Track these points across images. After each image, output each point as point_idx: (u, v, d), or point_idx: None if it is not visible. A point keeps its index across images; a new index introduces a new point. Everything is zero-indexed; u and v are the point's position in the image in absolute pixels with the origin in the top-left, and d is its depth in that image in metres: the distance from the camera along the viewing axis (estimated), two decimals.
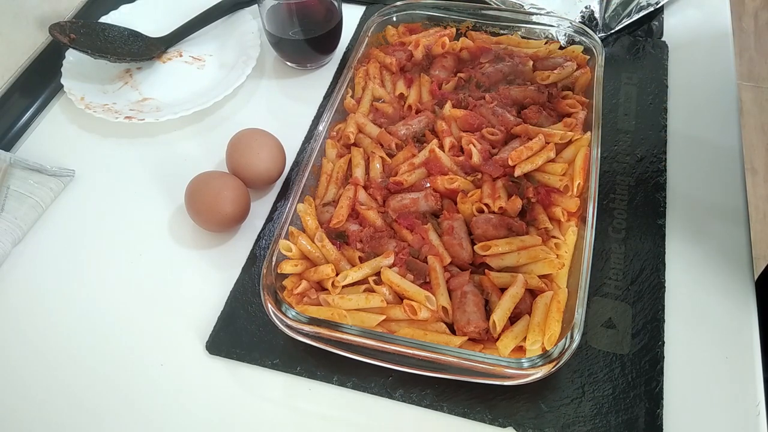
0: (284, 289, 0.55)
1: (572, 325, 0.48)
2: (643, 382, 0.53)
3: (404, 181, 0.60)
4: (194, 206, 0.63)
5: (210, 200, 0.62)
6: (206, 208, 0.62)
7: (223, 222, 0.62)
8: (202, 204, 0.62)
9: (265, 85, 0.80)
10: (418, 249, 0.56)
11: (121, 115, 0.74)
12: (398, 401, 0.53)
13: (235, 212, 0.62)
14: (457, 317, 0.52)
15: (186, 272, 0.63)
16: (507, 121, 0.64)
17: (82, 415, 0.54)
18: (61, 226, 0.68)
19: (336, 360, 0.52)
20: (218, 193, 0.62)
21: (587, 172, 0.59)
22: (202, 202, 0.62)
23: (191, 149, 0.74)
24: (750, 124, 1.93)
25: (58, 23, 0.78)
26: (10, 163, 0.69)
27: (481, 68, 0.70)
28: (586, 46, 0.71)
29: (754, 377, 0.53)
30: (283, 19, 0.76)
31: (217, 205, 0.61)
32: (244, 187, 0.64)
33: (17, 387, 0.56)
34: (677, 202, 0.65)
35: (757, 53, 2.11)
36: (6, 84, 0.80)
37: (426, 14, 0.77)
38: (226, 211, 0.62)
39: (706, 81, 0.76)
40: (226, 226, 0.63)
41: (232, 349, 0.57)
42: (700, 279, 0.59)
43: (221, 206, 0.61)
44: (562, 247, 0.55)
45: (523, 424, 0.51)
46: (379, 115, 0.67)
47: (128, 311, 0.61)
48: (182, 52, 0.84)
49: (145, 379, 0.56)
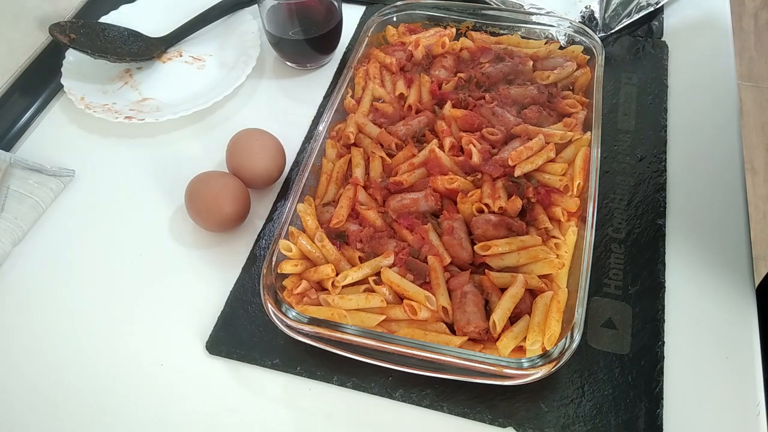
0: (284, 289, 0.55)
1: (572, 325, 0.48)
2: (643, 382, 0.53)
3: (404, 181, 0.60)
4: (194, 206, 0.63)
5: (210, 200, 0.62)
6: (206, 208, 0.62)
7: (223, 222, 0.62)
8: (203, 204, 0.62)
9: (265, 85, 0.80)
10: (418, 249, 0.56)
11: (121, 115, 0.74)
12: (398, 401, 0.53)
13: (235, 212, 0.62)
14: (457, 317, 0.52)
15: (186, 272, 0.63)
16: (507, 121, 0.64)
17: (82, 415, 0.54)
18: (61, 226, 0.68)
19: (336, 360, 0.52)
20: (218, 193, 0.62)
21: (587, 172, 0.59)
22: (202, 202, 0.62)
23: (191, 149, 0.74)
24: (750, 124, 1.93)
25: (58, 23, 0.78)
26: (10, 163, 0.69)
27: (481, 68, 0.70)
28: (586, 46, 0.71)
29: (754, 377, 0.53)
30: (283, 19, 0.76)
31: (217, 205, 0.61)
32: (243, 187, 0.64)
33: (17, 387, 0.56)
34: (677, 202, 0.65)
35: (757, 53, 2.11)
36: (6, 84, 0.80)
37: (426, 14, 0.77)
38: (226, 211, 0.62)
39: (706, 81, 0.76)
40: (226, 226, 0.63)
41: (232, 349, 0.57)
42: (700, 279, 0.59)
43: (221, 206, 0.61)
44: (562, 247, 0.55)
45: (523, 424, 0.51)
46: (379, 115, 0.67)
47: (128, 311, 0.61)
48: (182, 52, 0.84)
49: (145, 379, 0.56)
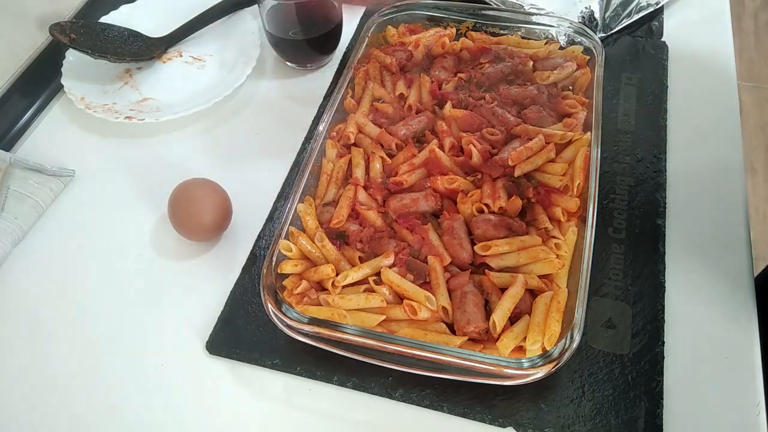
0: (284, 289, 0.55)
1: (572, 325, 0.48)
2: (643, 382, 0.53)
3: (404, 181, 0.60)
4: (176, 217, 0.62)
5: (191, 211, 0.61)
6: (187, 219, 0.62)
7: (203, 231, 0.62)
8: (184, 215, 0.62)
9: (265, 85, 0.80)
10: (418, 249, 0.56)
11: (121, 115, 0.74)
12: (398, 401, 0.53)
13: (215, 221, 0.62)
14: (457, 317, 0.52)
15: (186, 273, 0.63)
16: (507, 121, 0.64)
17: (82, 415, 0.54)
18: (61, 226, 0.68)
19: (336, 360, 0.52)
20: (198, 202, 0.61)
21: (587, 172, 0.59)
22: (183, 213, 0.62)
23: (191, 149, 0.74)
24: (750, 124, 1.93)
25: (58, 23, 0.78)
26: (10, 163, 0.69)
27: (481, 68, 0.70)
28: (586, 46, 0.71)
29: (754, 377, 0.53)
30: (283, 19, 0.76)
31: (198, 214, 0.61)
32: (224, 195, 0.63)
33: (17, 387, 0.56)
34: (677, 202, 0.65)
35: (757, 53, 2.11)
36: (6, 84, 0.80)
37: (426, 14, 0.77)
38: (205, 221, 0.61)
39: (706, 81, 0.76)
40: (206, 235, 0.63)
41: (232, 349, 0.57)
42: (700, 279, 0.59)
43: (200, 216, 0.61)
44: (562, 247, 0.55)
45: (523, 424, 0.51)
46: (379, 115, 0.67)
47: (128, 311, 0.61)
48: (182, 52, 0.84)
49: (145, 379, 0.56)
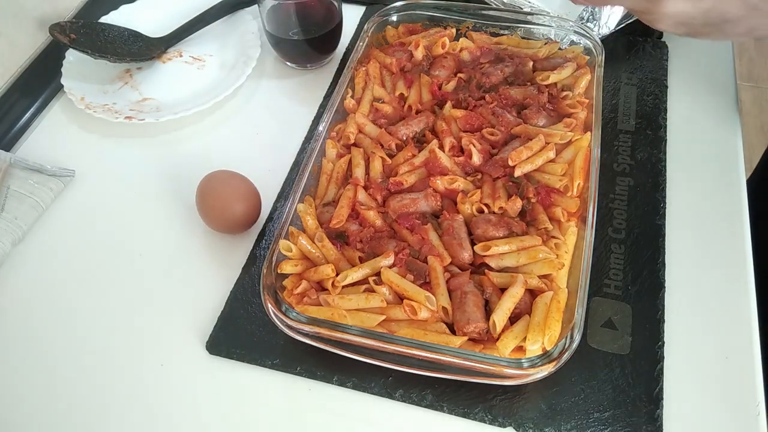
0: (284, 289, 0.55)
1: (572, 325, 0.48)
2: (643, 382, 0.53)
3: (404, 182, 0.60)
4: (204, 206, 0.62)
5: (222, 202, 0.61)
6: (218, 209, 0.61)
7: (234, 225, 0.62)
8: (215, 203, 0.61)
9: (265, 86, 0.80)
10: (418, 249, 0.56)
11: (121, 115, 0.74)
12: (398, 401, 0.53)
13: (247, 215, 0.62)
14: (457, 317, 0.52)
15: (186, 272, 0.63)
16: (507, 121, 0.64)
17: (82, 415, 0.54)
18: (61, 226, 0.68)
19: (336, 360, 0.52)
20: (231, 194, 0.61)
21: (587, 173, 0.59)
22: (215, 202, 0.61)
23: (191, 149, 0.74)
24: (750, 124, 1.93)
25: (58, 23, 0.78)
26: (10, 163, 0.69)
27: (481, 69, 0.70)
28: (586, 46, 0.71)
29: (754, 377, 0.53)
30: (283, 19, 0.76)
31: (230, 206, 0.61)
32: (256, 191, 0.63)
33: (17, 387, 0.56)
34: (677, 202, 0.65)
35: (757, 53, 2.11)
36: (6, 84, 0.80)
37: (426, 15, 0.77)
38: (238, 213, 0.61)
39: (706, 81, 0.76)
40: (236, 229, 0.63)
41: (232, 349, 0.57)
42: (700, 279, 0.59)
43: (233, 208, 0.61)
44: (562, 247, 0.55)
45: (523, 424, 0.51)
46: (379, 116, 0.67)
47: (128, 311, 0.61)
48: (182, 52, 0.84)
49: (145, 379, 0.56)
